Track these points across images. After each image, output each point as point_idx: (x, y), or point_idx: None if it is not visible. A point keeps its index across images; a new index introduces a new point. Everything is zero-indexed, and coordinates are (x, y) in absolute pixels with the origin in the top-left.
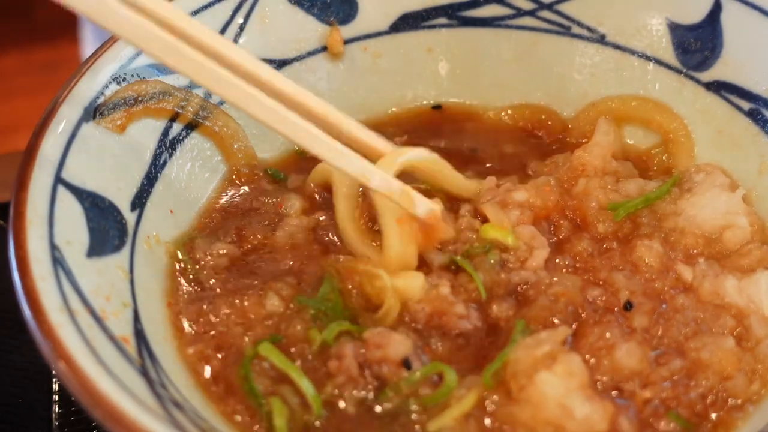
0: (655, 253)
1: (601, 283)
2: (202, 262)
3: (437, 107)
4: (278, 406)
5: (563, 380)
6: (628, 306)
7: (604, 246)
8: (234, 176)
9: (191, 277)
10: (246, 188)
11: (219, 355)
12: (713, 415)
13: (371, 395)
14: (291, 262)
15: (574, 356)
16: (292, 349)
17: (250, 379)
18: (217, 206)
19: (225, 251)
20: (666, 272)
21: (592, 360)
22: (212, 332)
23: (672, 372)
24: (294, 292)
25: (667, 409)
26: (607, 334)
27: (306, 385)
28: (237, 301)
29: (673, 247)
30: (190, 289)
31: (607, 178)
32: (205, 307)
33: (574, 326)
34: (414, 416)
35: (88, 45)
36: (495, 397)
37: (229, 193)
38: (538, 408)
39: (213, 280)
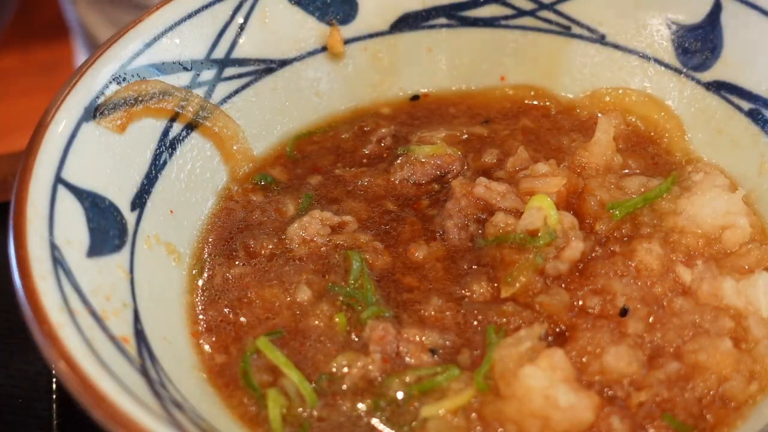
0: (655, 256)
1: (600, 288)
2: (221, 283)
3: (415, 98)
4: (273, 397)
5: (547, 373)
6: (623, 312)
7: (609, 249)
8: (227, 196)
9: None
10: (240, 206)
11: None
12: (711, 417)
13: (379, 378)
14: (310, 258)
15: (557, 350)
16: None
17: (249, 373)
18: (217, 227)
19: (239, 272)
20: (666, 275)
21: (582, 360)
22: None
23: (668, 375)
24: (323, 283)
25: (662, 411)
26: (598, 339)
27: (298, 378)
28: (262, 295)
29: (673, 248)
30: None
31: (609, 176)
32: (228, 310)
33: (563, 328)
34: (409, 402)
35: (80, 54)
36: (485, 396)
37: (225, 214)
38: (524, 401)
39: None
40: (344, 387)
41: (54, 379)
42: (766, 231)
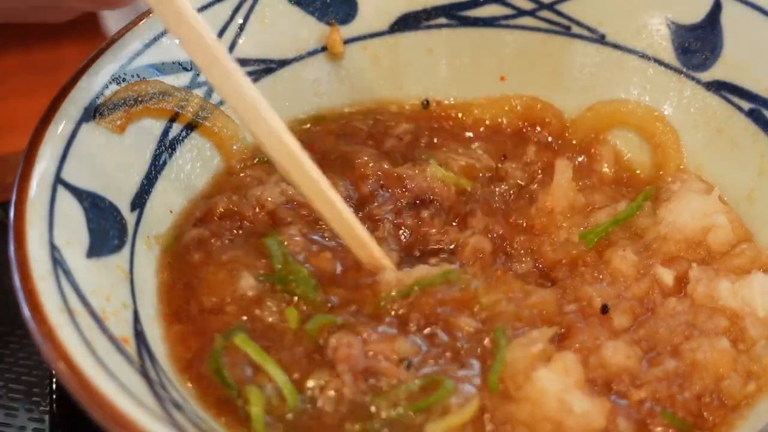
0: (630, 263)
1: (576, 297)
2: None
3: (426, 104)
4: (255, 394)
5: (561, 377)
6: (604, 309)
7: (584, 260)
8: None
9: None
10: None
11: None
12: (710, 416)
13: (367, 397)
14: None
15: (569, 354)
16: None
17: (222, 370)
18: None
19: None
20: (643, 277)
21: (580, 359)
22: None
23: (666, 372)
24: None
25: (662, 409)
26: (594, 335)
27: (281, 378)
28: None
29: (655, 255)
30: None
31: (575, 218)
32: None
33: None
34: (409, 418)
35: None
36: (494, 399)
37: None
38: (537, 405)
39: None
40: (325, 409)
41: (54, 379)
42: (744, 226)
